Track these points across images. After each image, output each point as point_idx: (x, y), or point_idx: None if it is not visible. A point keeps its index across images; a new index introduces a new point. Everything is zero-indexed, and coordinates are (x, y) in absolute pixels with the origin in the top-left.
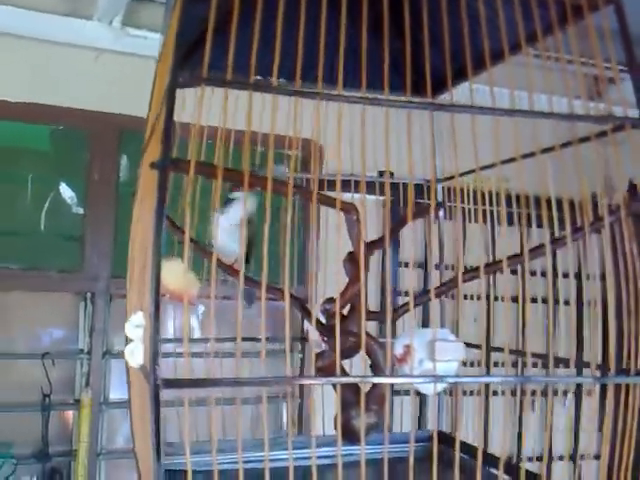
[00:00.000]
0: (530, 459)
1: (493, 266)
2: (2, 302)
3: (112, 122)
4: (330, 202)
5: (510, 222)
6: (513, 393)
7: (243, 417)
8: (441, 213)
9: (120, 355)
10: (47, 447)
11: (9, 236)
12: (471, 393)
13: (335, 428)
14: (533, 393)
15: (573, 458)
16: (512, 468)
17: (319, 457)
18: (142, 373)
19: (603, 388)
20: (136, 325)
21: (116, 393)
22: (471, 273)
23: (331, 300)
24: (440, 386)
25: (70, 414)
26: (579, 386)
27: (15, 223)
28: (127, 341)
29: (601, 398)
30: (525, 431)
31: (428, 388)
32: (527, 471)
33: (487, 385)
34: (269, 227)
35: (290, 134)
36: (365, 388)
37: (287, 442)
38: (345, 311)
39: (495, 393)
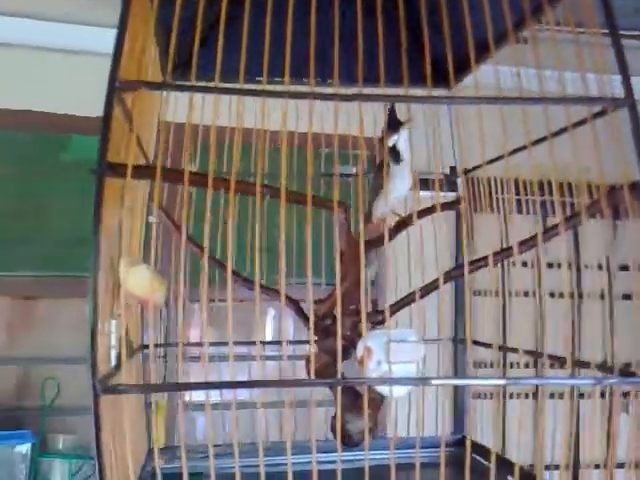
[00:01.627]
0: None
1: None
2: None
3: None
4: (319, 202)
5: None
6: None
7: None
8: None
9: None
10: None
11: (79, 246)
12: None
13: (332, 432)
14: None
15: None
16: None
17: (324, 462)
18: None
19: None
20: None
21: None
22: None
23: (319, 301)
24: (402, 389)
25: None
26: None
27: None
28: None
29: None
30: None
31: (389, 391)
32: None
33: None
34: None
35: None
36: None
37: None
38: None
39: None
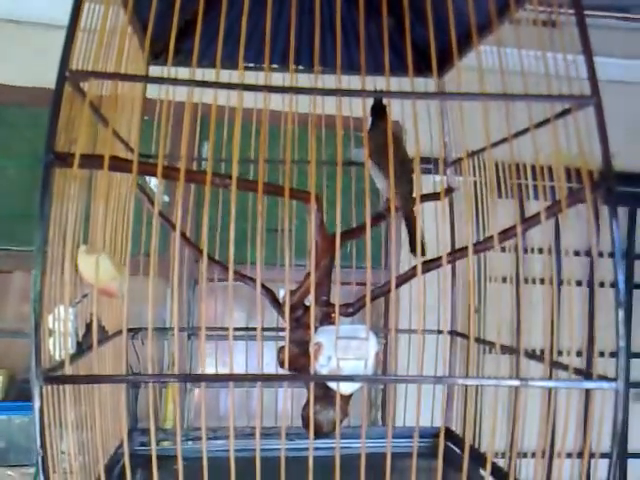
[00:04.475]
0: None
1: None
2: None
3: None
4: (280, 192)
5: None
6: None
7: None
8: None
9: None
10: (136, 424)
11: None
12: None
13: (303, 423)
14: None
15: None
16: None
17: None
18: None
19: None
20: (54, 318)
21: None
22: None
23: (290, 292)
24: (351, 385)
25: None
26: None
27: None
28: (50, 334)
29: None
30: None
31: (344, 387)
32: None
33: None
34: None
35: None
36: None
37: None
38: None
39: None
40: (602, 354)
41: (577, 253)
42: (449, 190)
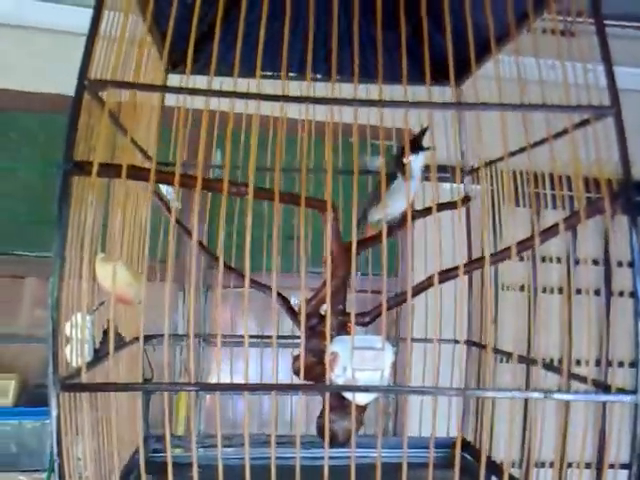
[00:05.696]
0: None
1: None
2: None
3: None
4: (296, 200)
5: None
6: None
7: None
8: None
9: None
10: (148, 430)
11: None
12: None
13: (318, 432)
14: None
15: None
16: None
17: (312, 458)
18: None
19: None
20: (72, 325)
21: (214, 379)
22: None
23: (305, 300)
24: (366, 396)
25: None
26: None
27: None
28: (67, 341)
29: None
30: None
31: (359, 397)
32: None
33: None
34: None
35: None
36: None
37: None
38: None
39: None
40: (621, 364)
41: (596, 262)
42: (466, 199)
